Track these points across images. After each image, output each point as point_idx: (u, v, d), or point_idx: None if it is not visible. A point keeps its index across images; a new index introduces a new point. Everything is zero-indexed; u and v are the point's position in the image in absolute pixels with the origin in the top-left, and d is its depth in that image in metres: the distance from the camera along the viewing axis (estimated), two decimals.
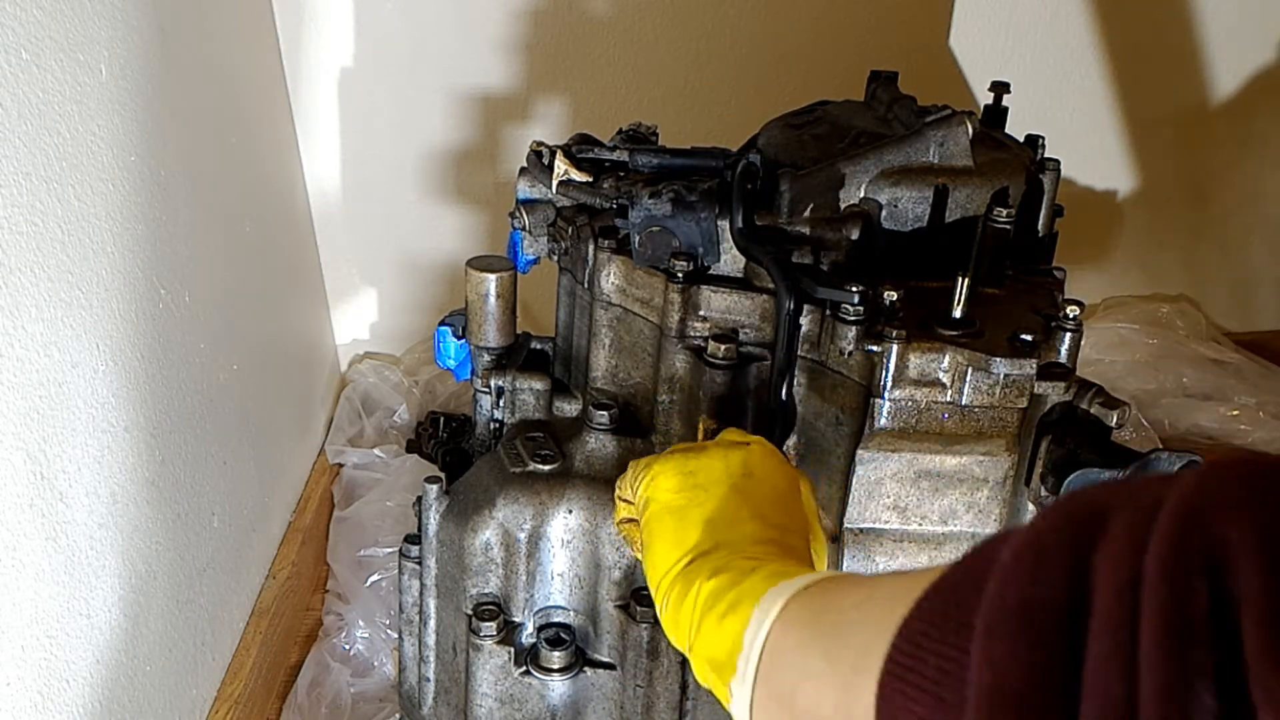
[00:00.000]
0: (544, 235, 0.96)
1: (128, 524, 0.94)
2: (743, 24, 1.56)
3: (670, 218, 0.84)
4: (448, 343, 0.98)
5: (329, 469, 1.52)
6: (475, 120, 1.56)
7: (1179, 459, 0.74)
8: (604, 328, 0.90)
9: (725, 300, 0.84)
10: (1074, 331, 0.78)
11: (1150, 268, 1.88)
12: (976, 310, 0.77)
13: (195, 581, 1.08)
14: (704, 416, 0.82)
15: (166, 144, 1.02)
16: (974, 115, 0.87)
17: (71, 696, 0.85)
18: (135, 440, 0.95)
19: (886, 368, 0.75)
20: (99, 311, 0.89)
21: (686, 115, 1.59)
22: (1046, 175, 0.92)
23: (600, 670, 0.89)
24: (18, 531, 0.77)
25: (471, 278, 0.92)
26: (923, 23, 1.62)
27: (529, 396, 0.94)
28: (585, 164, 0.92)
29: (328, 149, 1.55)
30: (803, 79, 1.59)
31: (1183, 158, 1.80)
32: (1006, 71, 1.08)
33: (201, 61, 1.15)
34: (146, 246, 0.97)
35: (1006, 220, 0.82)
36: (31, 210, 0.78)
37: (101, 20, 0.90)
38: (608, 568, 0.87)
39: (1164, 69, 1.73)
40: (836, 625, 0.49)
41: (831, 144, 0.89)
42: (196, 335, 1.08)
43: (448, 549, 0.89)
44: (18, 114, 0.77)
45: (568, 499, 0.86)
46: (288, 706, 1.24)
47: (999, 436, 0.77)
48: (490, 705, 0.89)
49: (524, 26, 1.51)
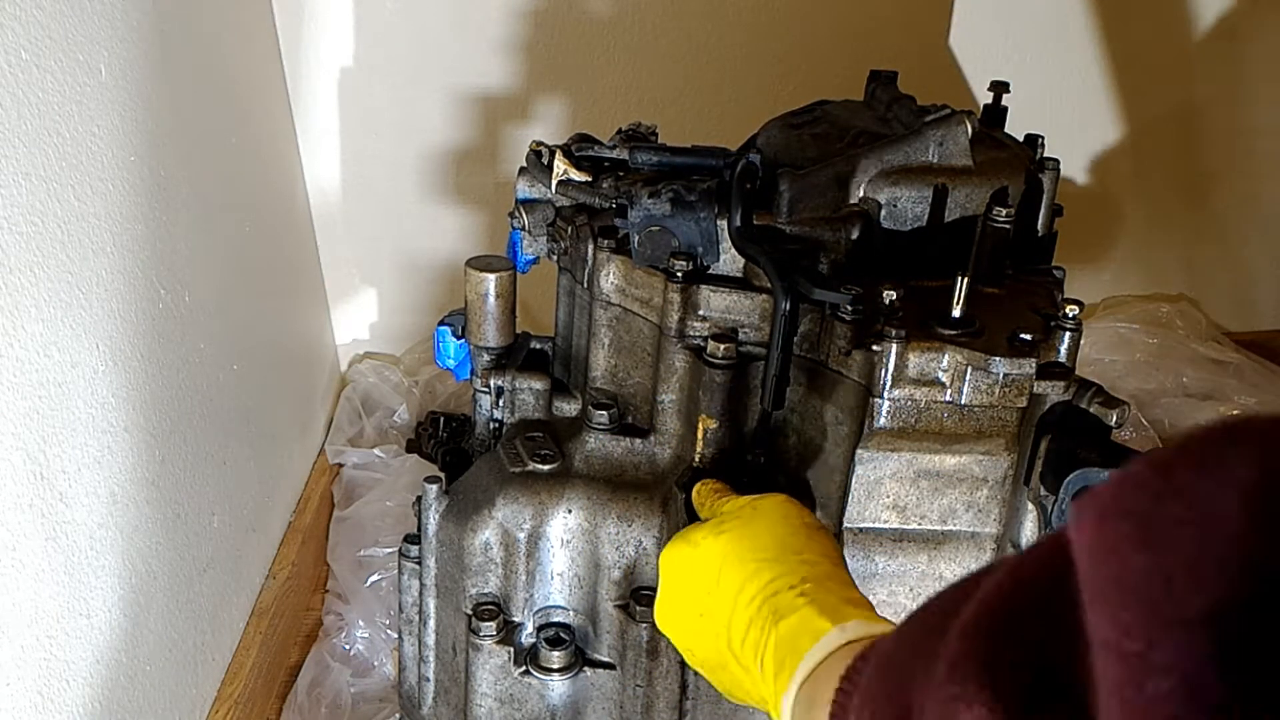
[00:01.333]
0: (543, 235, 0.96)
1: (128, 524, 0.94)
2: (742, 24, 1.56)
3: (670, 217, 0.84)
4: (448, 343, 0.98)
5: (329, 469, 1.52)
6: (475, 120, 1.56)
7: None
8: (603, 327, 0.90)
9: (725, 300, 0.84)
10: (1074, 331, 0.78)
11: (1150, 268, 1.88)
12: (976, 310, 0.77)
13: (195, 581, 1.08)
14: (703, 416, 0.82)
15: (166, 144, 1.02)
16: (974, 115, 0.87)
17: (71, 696, 0.85)
18: (135, 440, 0.95)
19: (886, 367, 0.75)
20: (99, 311, 0.89)
21: (686, 115, 1.59)
22: (1046, 175, 0.92)
23: (600, 670, 0.89)
24: (18, 531, 0.77)
25: (471, 278, 0.92)
26: (923, 23, 1.62)
27: (529, 396, 0.94)
28: (585, 164, 0.92)
29: (328, 149, 1.55)
30: (803, 79, 1.59)
31: (1182, 158, 1.80)
32: (1006, 71, 1.08)
33: (201, 61, 1.15)
34: (146, 246, 0.97)
35: (1006, 220, 0.82)
36: (31, 210, 0.78)
37: (101, 20, 0.90)
38: (607, 567, 0.87)
39: (1164, 69, 1.73)
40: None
41: (831, 144, 0.89)
42: (196, 335, 1.08)
43: (447, 549, 0.89)
44: (18, 114, 0.77)
45: (567, 499, 0.86)
46: (288, 706, 1.24)
47: (998, 436, 0.77)
48: (490, 705, 0.89)
49: (524, 26, 1.51)
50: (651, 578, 0.86)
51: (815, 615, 0.61)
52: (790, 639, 0.61)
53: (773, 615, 0.63)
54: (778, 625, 0.63)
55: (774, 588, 0.65)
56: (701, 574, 0.69)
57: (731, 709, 0.88)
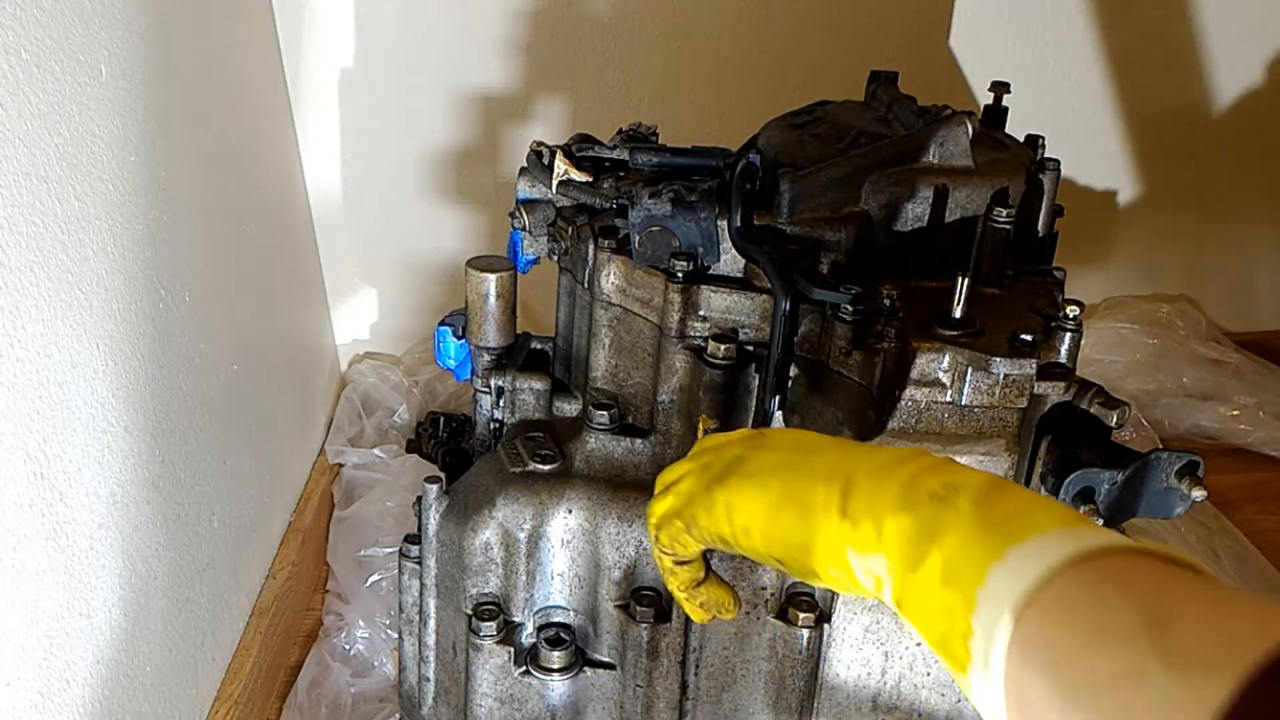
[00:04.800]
0: (544, 235, 0.96)
1: (128, 524, 0.94)
2: (743, 24, 1.56)
3: (670, 218, 0.84)
4: (448, 343, 0.98)
5: (329, 469, 1.52)
6: (475, 120, 1.56)
7: (1179, 459, 0.75)
8: (604, 328, 0.90)
9: (725, 300, 0.84)
10: (1074, 331, 0.78)
11: (1150, 268, 1.88)
12: (976, 310, 0.77)
13: (195, 581, 1.08)
14: (704, 416, 0.82)
15: (166, 144, 1.02)
16: (974, 115, 0.87)
17: (71, 696, 0.85)
18: (135, 440, 0.95)
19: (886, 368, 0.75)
20: (99, 311, 0.89)
21: (686, 115, 1.59)
22: (1046, 175, 0.92)
23: (600, 670, 0.89)
24: (18, 531, 0.77)
25: (471, 278, 0.92)
26: (923, 23, 1.62)
27: (529, 396, 0.94)
28: (585, 164, 0.92)
29: (328, 149, 1.55)
30: (803, 79, 1.59)
31: (1182, 157, 1.80)
32: (1006, 71, 1.08)
33: (201, 61, 1.15)
34: (146, 246, 0.97)
35: (1006, 220, 0.82)
36: (31, 210, 0.78)
37: (101, 20, 0.90)
38: (608, 568, 0.87)
39: (1164, 69, 1.73)
40: (1096, 698, 0.37)
41: (831, 144, 0.89)
42: (196, 335, 1.08)
43: (448, 549, 0.89)
44: (18, 114, 0.77)
45: (567, 499, 0.86)
46: (288, 706, 1.24)
47: (999, 436, 0.77)
48: (490, 705, 0.89)
49: (524, 26, 1.51)
50: (652, 578, 0.86)
51: (1019, 494, 0.45)
52: (994, 524, 0.44)
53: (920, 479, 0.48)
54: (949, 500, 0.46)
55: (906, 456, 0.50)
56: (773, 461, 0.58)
57: (732, 709, 0.88)
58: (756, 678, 0.87)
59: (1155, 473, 0.75)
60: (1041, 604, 0.40)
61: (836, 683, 0.86)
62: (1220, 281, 1.92)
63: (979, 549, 0.44)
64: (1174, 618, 0.37)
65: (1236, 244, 1.90)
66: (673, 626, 0.85)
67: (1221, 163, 1.81)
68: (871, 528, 0.50)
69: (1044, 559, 0.41)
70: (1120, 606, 0.38)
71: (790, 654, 0.85)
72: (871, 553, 0.49)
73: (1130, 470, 0.73)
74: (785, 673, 0.86)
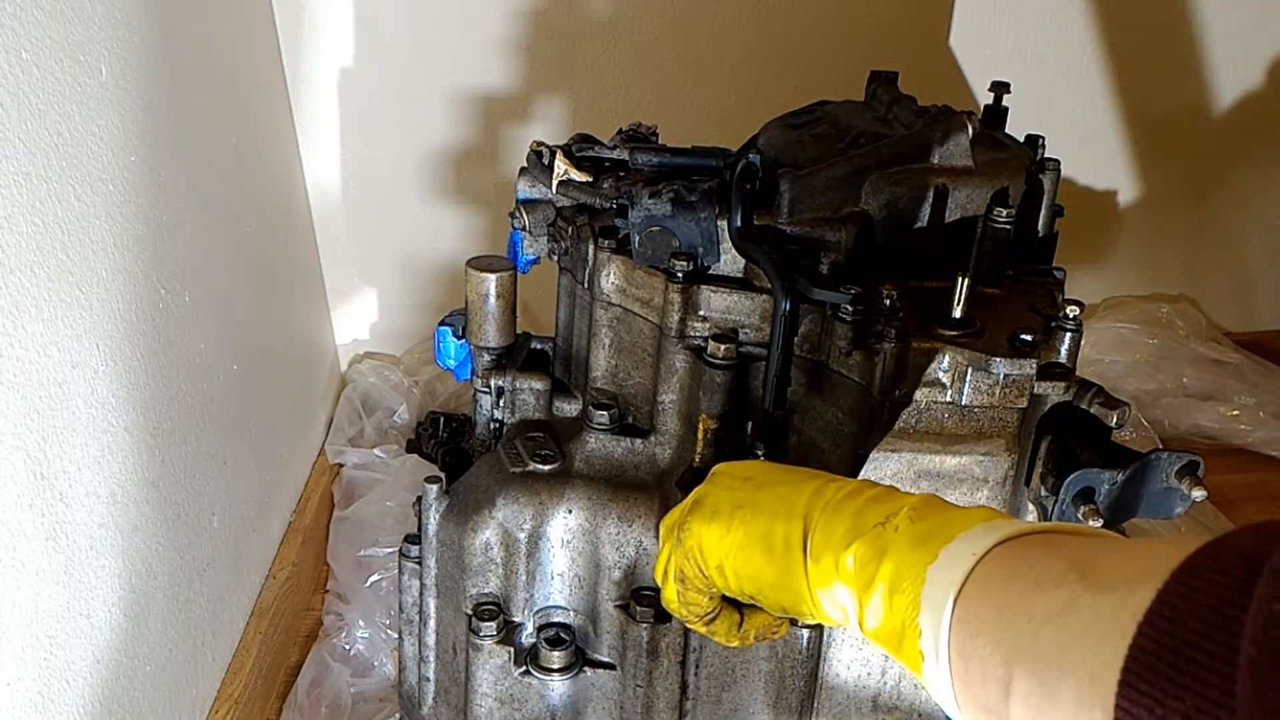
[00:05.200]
0: (544, 235, 0.96)
1: (128, 524, 0.94)
2: (743, 24, 1.56)
3: (670, 218, 0.84)
4: (448, 343, 0.98)
5: (329, 469, 1.52)
6: (475, 120, 1.56)
7: (1179, 459, 0.75)
8: (604, 328, 0.90)
9: (725, 300, 0.84)
10: (1074, 331, 0.78)
11: (1150, 268, 1.88)
12: (976, 310, 0.77)
13: (195, 581, 1.08)
14: (704, 416, 0.82)
15: (166, 144, 1.02)
16: (974, 115, 0.87)
17: (71, 696, 0.85)
18: (135, 440, 0.95)
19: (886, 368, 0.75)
20: (99, 311, 0.89)
21: (686, 115, 1.59)
22: (1046, 175, 0.93)
23: (600, 670, 0.89)
24: (18, 531, 0.77)
25: (471, 278, 0.92)
26: (923, 23, 1.62)
27: (529, 396, 0.94)
28: (585, 164, 0.92)
29: (328, 149, 1.55)
30: (803, 79, 1.59)
31: (1182, 158, 1.80)
32: (1006, 71, 1.08)
33: (201, 62, 1.15)
34: (146, 246, 0.97)
35: (1006, 220, 0.82)
36: (31, 210, 0.78)
37: (101, 20, 0.90)
38: (608, 568, 0.87)
39: (1164, 69, 1.73)
40: (1035, 638, 0.42)
41: (831, 144, 0.89)
42: (196, 335, 1.08)
43: (448, 549, 0.89)
44: (18, 114, 0.77)
45: (567, 499, 0.86)
46: (288, 706, 1.24)
47: (999, 436, 0.77)
48: (490, 705, 0.89)
49: (524, 26, 1.51)
50: (652, 578, 0.86)
51: (946, 506, 0.52)
52: (926, 532, 0.50)
53: (873, 507, 0.54)
54: (891, 523, 0.53)
55: (858, 487, 0.57)
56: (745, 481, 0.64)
57: (732, 709, 0.88)
58: (756, 678, 0.87)
59: (1155, 473, 0.75)
60: (977, 580, 0.46)
61: (836, 683, 0.86)
62: (1220, 281, 1.92)
63: (916, 556, 0.50)
64: (1097, 556, 0.42)
65: (1236, 244, 1.90)
66: (673, 627, 0.85)
67: (1221, 163, 1.81)
68: (830, 561, 0.56)
69: (971, 549, 0.47)
70: (1049, 560, 0.43)
71: (790, 654, 0.85)
72: (832, 583, 0.56)
73: (1130, 470, 0.73)
74: (785, 673, 0.86)
